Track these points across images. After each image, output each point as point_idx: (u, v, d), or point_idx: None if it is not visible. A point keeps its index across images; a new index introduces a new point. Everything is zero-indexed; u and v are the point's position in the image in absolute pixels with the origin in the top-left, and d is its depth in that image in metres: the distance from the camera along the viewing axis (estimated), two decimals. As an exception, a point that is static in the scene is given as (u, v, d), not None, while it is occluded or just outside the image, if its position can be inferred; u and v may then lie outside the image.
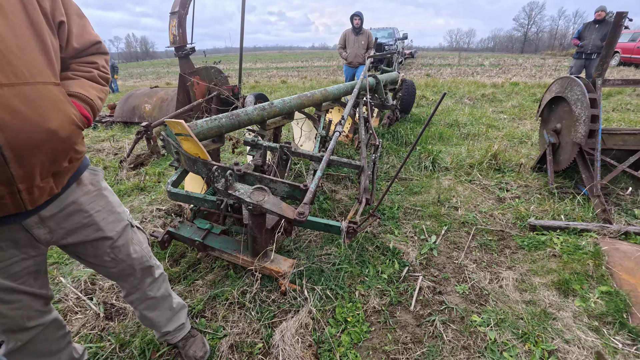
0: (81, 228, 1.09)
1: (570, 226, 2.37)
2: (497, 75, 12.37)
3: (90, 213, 1.11)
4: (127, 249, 1.23)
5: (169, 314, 1.47)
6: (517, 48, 66.15)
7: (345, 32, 6.26)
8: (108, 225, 1.16)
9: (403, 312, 1.78)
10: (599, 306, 1.74)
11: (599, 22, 6.36)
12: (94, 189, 1.13)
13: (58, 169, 0.95)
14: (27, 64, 0.81)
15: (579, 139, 2.73)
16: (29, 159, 0.83)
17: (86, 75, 1.04)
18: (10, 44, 0.78)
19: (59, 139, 0.88)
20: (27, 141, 0.81)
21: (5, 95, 0.76)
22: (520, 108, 6.53)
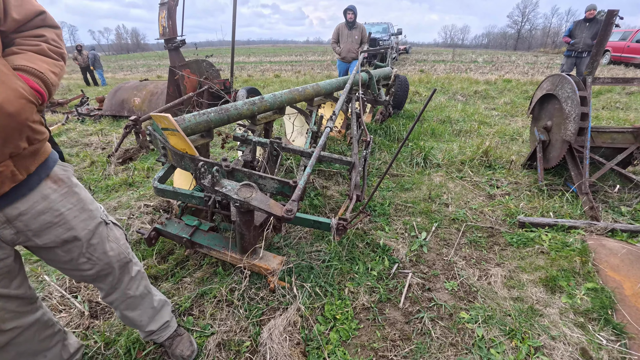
0: (51, 228, 1.03)
1: (559, 223, 2.39)
2: (490, 72, 12.43)
3: (61, 211, 1.04)
4: (103, 246, 1.18)
5: (150, 312, 1.43)
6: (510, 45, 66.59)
7: (338, 26, 6.18)
8: (80, 223, 1.09)
9: (392, 309, 1.78)
10: (584, 303, 1.76)
11: (589, 21, 6.41)
12: (65, 185, 1.07)
13: (15, 150, 0.88)
14: None
15: (568, 136, 2.75)
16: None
17: (33, 49, 0.95)
18: None
19: (6, 114, 0.81)
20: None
21: None
22: (512, 105, 6.57)
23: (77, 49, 12.61)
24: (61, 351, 1.32)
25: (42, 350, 1.23)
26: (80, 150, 4.57)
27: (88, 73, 13.05)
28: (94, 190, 3.29)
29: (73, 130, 5.57)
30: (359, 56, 4.36)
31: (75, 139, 5.10)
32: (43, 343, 1.23)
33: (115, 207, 2.83)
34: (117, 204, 2.88)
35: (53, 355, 1.28)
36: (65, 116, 6.41)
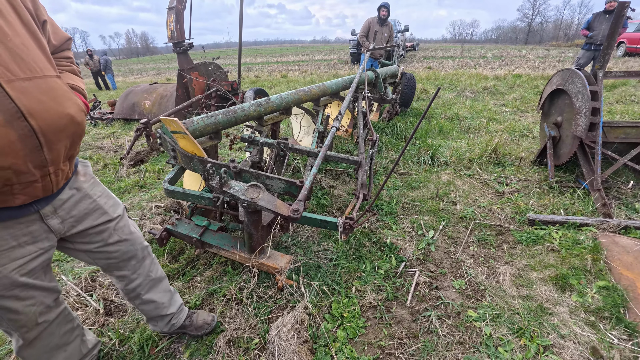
0: (89, 213, 1.17)
1: (570, 221, 2.35)
2: (500, 67, 12.23)
3: (94, 198, 1.19)
4: (129, 229, 1.32)
5: (168, 294, 1.55)
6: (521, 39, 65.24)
7: (369, 21, 6.15)
8: (110, 208, 1.24)
9: (399, 308, 1.78)
10: (596, 301, 1.74)
11: (609, 12, 6.23)
12: (90, 177, 1.21)
13: (73, 152, 1.04)
14: (34, 59, 0.89)
15: (579, 132, 2.70)
16: (56, 142, 0.93)
17: (67, 69, 1.12)
18: (18, 43, 0.85)
19: (76, 123, 0.98)
20: (54, 126, 0.91)
21: (29, 88, 0.85)
22: (522, 100, 6.46)
23: (88, 54, 12.91)
24: (80, 346, 1.38)
25: (63, 345, 1.29)
26: (93, 153, 4.69)
27: (99, 77, 13.35)
28: (107, 192, 3.37)
29: (86, 134, 5.71)
30: (365, 55, 4.36)
31: (89, 142, 5.23)
32: (64, 337, 1.28)
33: (127, 209, 2.90)
34: (129, 205, 2.96)
35: (72, 349, 1.34)
36: (78, 120, 6.57)
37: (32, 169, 0.90)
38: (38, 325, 1.14)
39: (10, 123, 0.82)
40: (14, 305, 1.04)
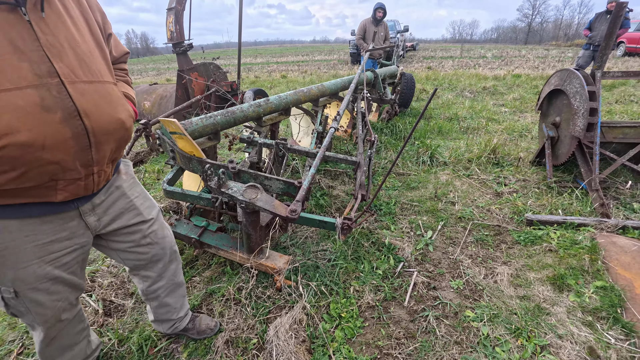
0: (124, 213, 1.19)
1: (568, 221, 2.36)
2: (500, 68, 12.23)
3: (131, 198, 1.22)
4: (162, 231, 1.35)
5: (182, 299, 1.57)
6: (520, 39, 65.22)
7: (364, 22, 6.20)
8: (146, 209, 1.27)
9: (397, 308, 1.79)
10: (593, 301, 1.74)
11: (611, 13, 6.24)
12: (130, 177, 1.25)
13: (117, 156, 1.09)
14: (97, 66, 0.97)
15: (577, 132, 2.71)
16: (104, 144, 0.98)
17: (123, 79, 1.23)
18: (85, 50, 0.95)
19: (125, 128, 1.04)
20: (105, 128, 0.97)
21: (88, 90, 0.92)
22: (521, 101, 6.47)
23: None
24: (85, 347, 1.39)
25: (73, 345, 1.30)
26: (93, 153, 4.70)
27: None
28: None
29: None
30: (364, 55, 4.36)
31: (88, 142, 5.24)
32: (75, 337, 1.30)
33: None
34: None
35: (79, 349, 1.35)
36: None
37: (79, 167, 0.94)
38: (60, 322, 1.16)
39: (67, 121, 0.88)
40: (43, 298, 1.06)
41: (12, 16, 0.82)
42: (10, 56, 0.82)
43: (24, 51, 0.83)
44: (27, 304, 1.05)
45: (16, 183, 0.87)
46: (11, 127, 0.80)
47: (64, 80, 0.87)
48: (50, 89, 0.85)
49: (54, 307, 1.10)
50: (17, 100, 0.81)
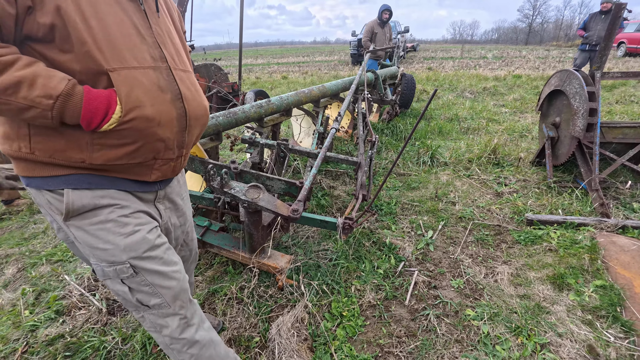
0: (175, 210, 1.20)
1: (568, 220, 2.37)
2: (500, 68, 12.25)
3: (183, 197, 1.25)
4: (193, 234, 1.39)
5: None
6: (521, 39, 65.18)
7: (371, 24, 6.23)
8: (188, 210, 1.30)
9: (398, 307, 1.81)
10: (593, 300, 1.76)
11: (605, 13, 6.26)
12: (182, 177, 1.27)
13: (196, 142, 1.14)
14: (184, 58, 1.06)
15: (577, 132, 2.72)
16: (194, 128, 1.04)
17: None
18: (177, 42, 1.04)
19: (207, 115, 1.11)
20: (196, 113, 1.03)
21: (184, 78, 1.00)
22: (522, 101, 6.48)
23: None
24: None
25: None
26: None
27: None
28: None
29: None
30: (364, 56, 4.39)
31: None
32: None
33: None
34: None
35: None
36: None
37: (175, 147, 0.99)
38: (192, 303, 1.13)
39: (174, 102, 0.95)
40: (162, 267, 1.02)
41: (133, 4, 0.91)
42: (135, 38, 0.89)
43: (144, 35, 0.92)
44: (148, 279, 1.00)
45: (128, 158, 0.91)
46: (140, 101, 0.87)
47: (170, 65, 0.95)
48: (162, 72, 0.93)
49: (179, 279, 1.06)
50: (142, 79, 0.88)
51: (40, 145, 0.84)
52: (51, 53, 0.79)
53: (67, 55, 0.80)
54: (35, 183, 0.89)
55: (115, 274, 0.97)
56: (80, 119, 0.81)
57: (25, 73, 0.73)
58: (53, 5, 0.74)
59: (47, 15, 0.74)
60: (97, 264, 0.98)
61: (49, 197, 0.90)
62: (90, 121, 0.82)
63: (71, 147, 0.86)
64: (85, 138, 0.85)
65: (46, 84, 0.75)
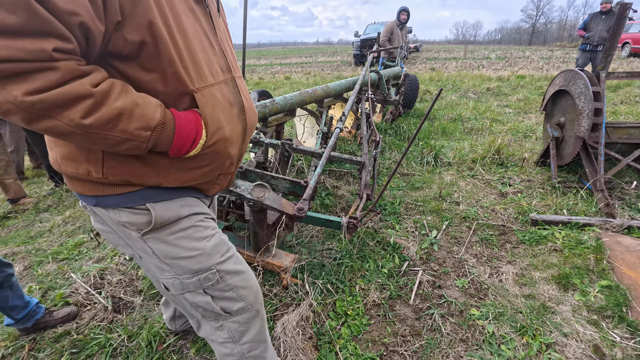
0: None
1: (573, 221, 2.36)
2: (504, 69, 12.21)
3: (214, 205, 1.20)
4: None
5: None
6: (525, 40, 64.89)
7: (391, 24, 6.22)
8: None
9: (402, 306, 1.81)
10: (598, 300, 1.75)
11: (605, 13, 6.23)
12: None
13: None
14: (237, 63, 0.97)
15: (582, 132, 2.71)
16: (248, 138, 0.98)
17: None
18: (232, 46, 0.96)
19: (255, 124, 1.02)
20: (252, 123, 0.97)
21: (242, 86, 0.92)
22: (525, 101, 6.46)
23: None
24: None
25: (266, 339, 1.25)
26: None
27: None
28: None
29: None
30: (368, 57, 4.39)
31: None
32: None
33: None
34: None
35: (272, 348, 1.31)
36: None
37: (236, 161, 0.95)
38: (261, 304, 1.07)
39: (239, 116, 0.88)
40: (240, 267, 0.99)
41: (200, 8, 0.81)
42: (209, 50, 0.81)
43: (213, 45, 0.83)
44: (231, 282, 0.96)
45: (202, 178, 0.87)
46: (220, 122, 0.81)
47: (234, 75, 0.88)
48: (229, 84, 0.86)
49: (253, 276, 1.02)
50: (219, 95, 0.81)
51: (115, 170, 0.76)
52: (133, 72, 0.70)
53: (151, 74, 0.71)
54: (109, 202, 0.81)
55: (199, 283, 0.92)
56: (169, 148, 0.74)
57: (124, 104, 0.65)
58: (145, 20, 0.65)
59: (137, 31, 0.65)
60: (174, 278, 0.92)
61: (126, 213, 0.83)
62: (179, 149, 0.75)
63: (148, 173, 0.79)
64: (163, 162, 0.79)
65: (144, 113, 0.67)
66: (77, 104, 0.59)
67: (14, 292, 1.61)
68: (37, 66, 0.55)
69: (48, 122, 0.59)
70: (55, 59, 0.56)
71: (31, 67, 0.55)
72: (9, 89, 0.55)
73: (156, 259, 0.90)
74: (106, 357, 1.57)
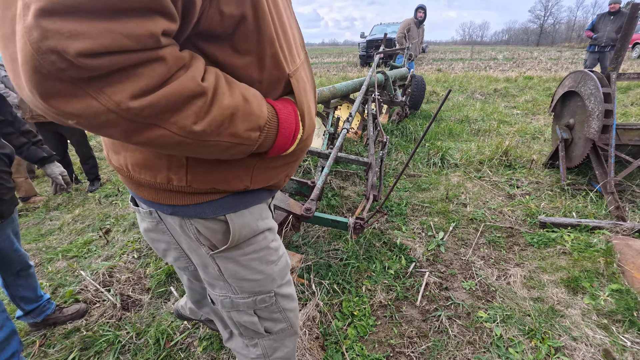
0: None
1: (582, 223, 2.33)
2: (511, 69, 12.10)
3: None
4: None
5: None
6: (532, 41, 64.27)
7: (408, 22, 6.12)
8: None
9: (409, 307, 1.80)
10: (608, 304, 1.73)
11: (613, 14, 6.15)
12: None
13: None
14: None
15: (592, 134, 2.68)
16: None
17: None
18: None
19: None
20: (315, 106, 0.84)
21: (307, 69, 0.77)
22: (533, 103, 6.39)
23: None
24: None
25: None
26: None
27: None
28: (122, 191, 3.47)
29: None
30: (374, 57, 4.39)
31: (104, 143, 5.37)
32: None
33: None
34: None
35: None
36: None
37: None
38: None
39: (315, 102, 0.79)
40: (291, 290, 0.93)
41: None
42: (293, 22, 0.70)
43: (296, 35, 0.71)
44: (282, 304, 0.90)
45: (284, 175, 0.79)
46: (310, 109, 0.71)
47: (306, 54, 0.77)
48: (306, 65, 0.75)
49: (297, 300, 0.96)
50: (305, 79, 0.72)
51: (200, 177, 0.65)
52: (224, 55, 0.56)
53: (246, 58, 0.57)
54: (187, 212, 0.70)
55: (253, 304, 0.85)
56: (271, 148, 0.63)
57: (234, 101, 0.52)
58: None
59: (236, 2, 0.51)
60: (225, 296, 0.85)
61: (202, 226, 0.73)
62: (280, 149, 0.65)
63: (237, 176, 0.68)
64: (252, 162, 0.68)
65: (252, 110, 0.55)
66: (189, 106, 0.47)
67: (28, 284, 1.65)
68: (143, 57, 0.41)
69: (152, 133, 0.46)
70: (162, 45, 0.42)
71: (137, 59, 0.40)
72: (109, 93, 0.40)
73: (216, 276, 0.81)
74: (115, 354, 1.59)
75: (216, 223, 0.73)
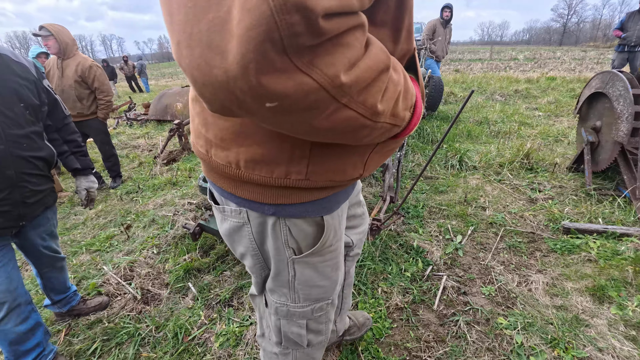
0: None
1: (609, 230, 2.24)
2: (532, 70, 11.76)
3: None
4: None
5: None
6: (555, 40, 62.21)
7: (433, 23, 5.91)
8: None
9: (426, 311, 1.77)
10: (637, 315, 1.65)
11: None
12: None
13: None
14: None
15: (620, 137, 2.57)
16: None
17: None
18: None
19: None
20: None
21: None
22: (556, 104, 6.19)
23: (124, 59, 13.62)
24: None
25: None
26: (129, 152, 4.96)
27: (132, 81, 14.06)
28: (142, 188, 3.57)
29: (123, 134, 6.05)
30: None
31: (125, 141, 5.54)
32: None
33: (161, 204, 3.06)
34: (162, 202, 3.11)
35: None
36: (115, 121, 6.98)
37: None
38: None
39: None
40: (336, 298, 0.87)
41: None
42: None
43: None
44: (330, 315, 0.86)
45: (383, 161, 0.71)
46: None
47: None
48: None
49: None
50: None
51: (318, 167, 0.58)
52: None
53: (382, 30, 0.50)
54: (289, 211, 0.65)
55: (310, 313, 0.80)
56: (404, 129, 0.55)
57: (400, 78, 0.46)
58: None
59: None
60: (282, 304, 0.80)
61: (296, 228, 0.67)
62: (411, 129, 0.57)
63: (353, 164, 0.61)
64: (371, 148, 0.61)
65: (408, 87, 0.49)
66: (376, 82, 0.40)
67: (60, 276, 1.72)
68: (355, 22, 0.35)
69: (341, 115, 0.39)
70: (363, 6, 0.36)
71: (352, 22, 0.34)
72: (321, 67, 0.34)
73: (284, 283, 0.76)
74: (135, 346, 1.64)
75: (312, 225, 0.68)
